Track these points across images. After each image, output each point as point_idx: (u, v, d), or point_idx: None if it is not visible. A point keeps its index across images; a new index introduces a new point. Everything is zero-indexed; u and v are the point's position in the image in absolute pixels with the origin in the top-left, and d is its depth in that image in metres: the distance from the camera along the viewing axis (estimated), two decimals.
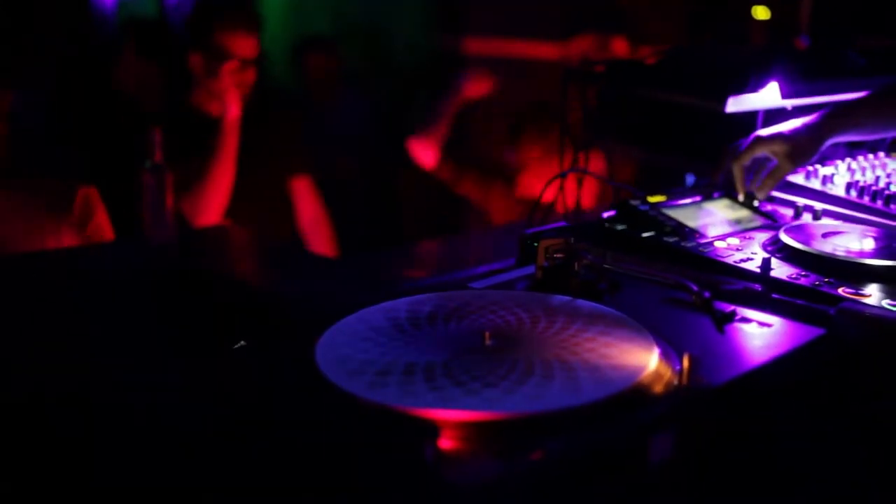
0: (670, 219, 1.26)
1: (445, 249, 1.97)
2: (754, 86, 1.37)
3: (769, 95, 1.40)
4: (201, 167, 2.29)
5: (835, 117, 1.34)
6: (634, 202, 1.29)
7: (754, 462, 0.88)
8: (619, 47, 2.62)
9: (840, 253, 1.13)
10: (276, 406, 0.79)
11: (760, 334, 0.93)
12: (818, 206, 1.38)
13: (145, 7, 5.69)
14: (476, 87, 2.62)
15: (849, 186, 1.44)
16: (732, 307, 0.98)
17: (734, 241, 1.22)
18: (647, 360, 0.81)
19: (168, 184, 1.66)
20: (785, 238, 1.19)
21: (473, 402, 0.73)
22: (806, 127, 1.34)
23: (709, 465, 0.83)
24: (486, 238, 2.22)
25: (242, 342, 0.92)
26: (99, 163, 2.39)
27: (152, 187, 1.64)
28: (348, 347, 0.85)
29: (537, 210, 1.56)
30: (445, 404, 0.73)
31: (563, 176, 1.48)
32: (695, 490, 0.81)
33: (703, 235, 1.23)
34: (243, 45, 2.36)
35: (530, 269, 1.11)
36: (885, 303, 1.00)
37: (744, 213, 1.37)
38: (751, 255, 1.16)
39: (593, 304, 0.97)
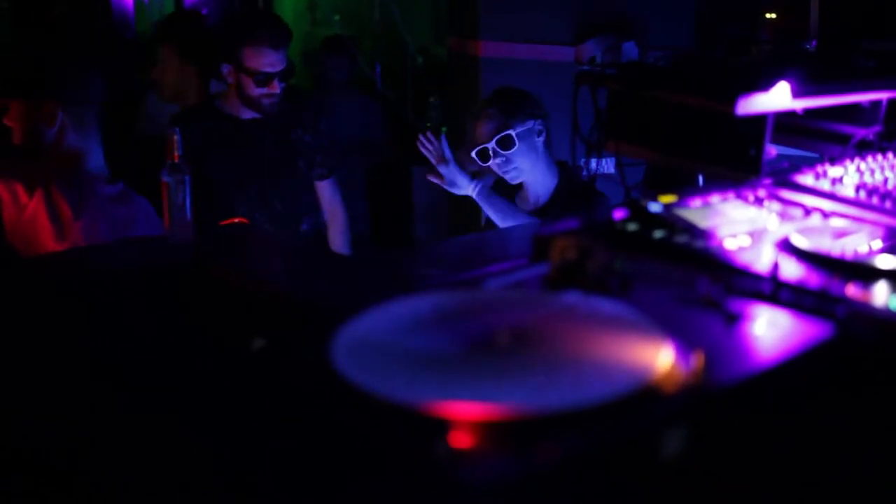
0: (681, 219, 1.28)
1: (459, 249, 1.99)
2: (764, 85, 1.38)
3: (780, 96, 1.41)
4: None
5: None
6: (646, 203, 1.31)
7: (762, 461, 0.89)
8: (629, 51, 2.63)
9: (849, 254, 1.15)
10: (290, 402, 0.81)
11: (769, 335, 0.94)
12: (827, 206, 1.39)
13: (162, 10, 5.73)
14: None
15: (858, 188, 1.44)
16: (742, 307, 0.99)
17: (745, 241, 1.23)
18: (659, 358, 0.83)
19: (188, 182, 1.69)
20: (794, 239, 1.20)
21: (485, 399, 0.75)
22: None
23: (719, 464, 0.84)
24: (499, 238, 2.23)
25: (261, 340, 0.93)
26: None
27: (171, 186, 1.66)
28: (362, 344, 0.87)
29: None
30: (457, 401, 0.75)
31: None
32: (705, 488, 0.83)
33: (713, 236, 1.25)
34: (270, 61, 2.57)
35: (544, 268, 1.13)
36: (894, 303, 1.01)
37: (754, 213, 1.38)
38: (761, 255, 1.17)
39: (605, 302, 0.98)
